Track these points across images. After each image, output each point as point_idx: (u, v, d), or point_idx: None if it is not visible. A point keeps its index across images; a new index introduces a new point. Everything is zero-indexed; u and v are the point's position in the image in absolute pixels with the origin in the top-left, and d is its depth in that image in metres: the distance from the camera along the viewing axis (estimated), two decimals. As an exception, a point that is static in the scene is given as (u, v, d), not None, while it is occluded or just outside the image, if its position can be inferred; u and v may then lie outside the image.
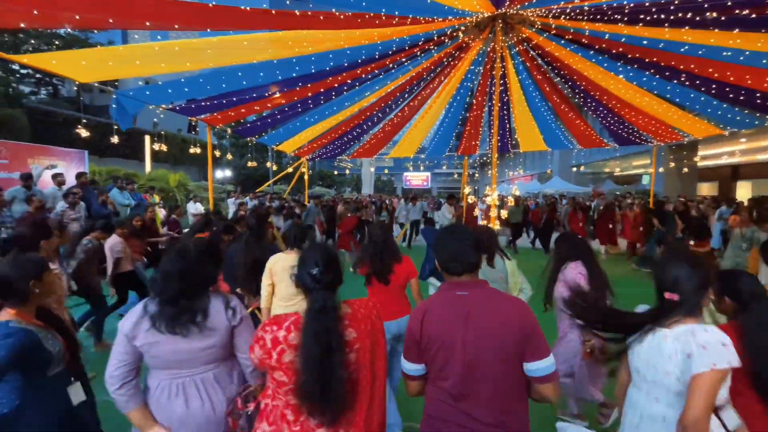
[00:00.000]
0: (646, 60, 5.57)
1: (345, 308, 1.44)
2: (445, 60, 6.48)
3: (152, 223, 6.08)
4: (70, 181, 7.62)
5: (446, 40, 5.71)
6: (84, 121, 6.31)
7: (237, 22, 4.06)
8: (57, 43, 19.35)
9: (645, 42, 5.03)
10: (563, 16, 4.90)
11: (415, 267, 2.84)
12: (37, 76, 21.27)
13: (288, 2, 3.63)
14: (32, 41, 18.50)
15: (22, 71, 19.70)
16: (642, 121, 8.23)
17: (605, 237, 10.14)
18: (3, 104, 13.87)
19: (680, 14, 4.09)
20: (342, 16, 4.01)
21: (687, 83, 5.99)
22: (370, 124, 9.50)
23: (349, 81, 6.32)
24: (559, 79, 7.17)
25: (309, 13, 3.94)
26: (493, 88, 6.14)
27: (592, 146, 10.62)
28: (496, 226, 5.36)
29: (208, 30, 4.22)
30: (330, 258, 1.42)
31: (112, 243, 4.26)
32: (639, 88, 6.62)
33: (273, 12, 3.76)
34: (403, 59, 6.00)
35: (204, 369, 1.58)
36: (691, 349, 1.31)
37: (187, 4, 3.81)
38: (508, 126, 9.98)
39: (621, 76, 6.27)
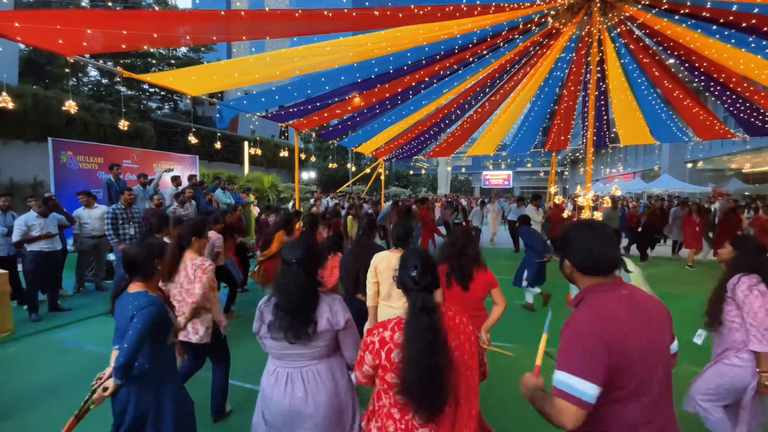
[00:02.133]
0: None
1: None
2: (531, 49, 6.02)
3: (239, 222, 6.47)
4: (185, 182, 8.77)
5: (533, 27, 5.30)
6: (194, 129, 7.25)
7: (321, 26, 4.24)
8: (173, 62, 22.59)
9: (788, 10, 4.09)
10: (679, -13, 4.21)
11: (494, 277, 2.68)
12: (162, 93, 25.07)
13: (367, 3, 3.68)
14: (154, 62, 21.87)
15: (150, 90, 23.40)
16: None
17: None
18: (135, 118, 16.57)
19: None
20: (421, 12, 3.94)
21: None
22: (447, 122, 9.29)
23: (426, 79, 6.24)
24: (673, 60, 6.19)
25: (388, 12, 3.95)
26: (589, 76, 5.54)
27: (714, 138, 9.00)
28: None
29: (295, 38, 4.50)
30: (428, 262, 1.49)
31: (215, 238, 4.77)
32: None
33: (354, 14, 3.84)
34: (484, 51, 5.72)
35: (309, 363, 1.71)
36: None
37: (276, 16, 4.10)
38: (605, 118, 8.96)
39: (754, 54, 5.18)
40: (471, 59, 5.87)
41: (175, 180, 7.93)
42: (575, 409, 1.17)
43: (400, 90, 6.49)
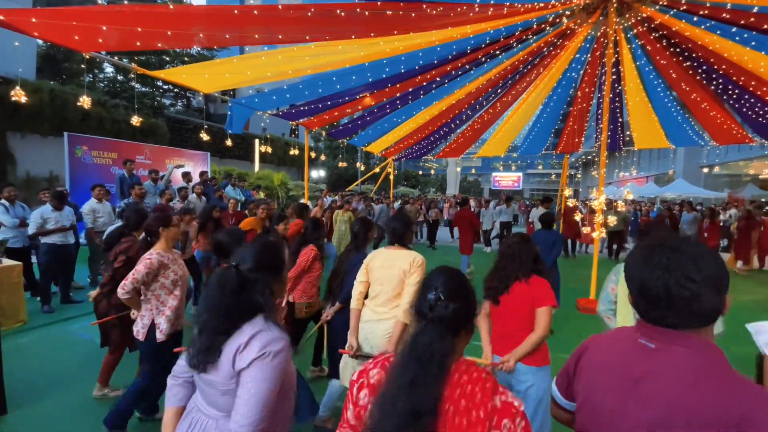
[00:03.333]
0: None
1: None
2: (545, 49, 5.94)
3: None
4: (195, 179, 8.87)
5: (546, 27, 5.23)
6: (206, 126, 7.32)
7: (334, 29, 4.23)
8: (186, 59, 22.85)
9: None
10: (699, -13, 4.11)
11: (550, 292, 2.20)
12: (175, 90, 25.35)
13: (379, 3, 3.66)
14: (167, 59, 22.18)
15: (164, 87, 23.71)
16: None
17: (742, 252, 8.34)
18: (149, 115, 16.79)
19: None
20: (433, 11, 3.91)
21: None
22: (458, 122, 9.24)
23: (438, 78, 6.20)
24: (690, 63, 6.06)
25: (400, 12, 3.92)
26: (603, 78, 5.45)
27: (731, 142, 8.81)
28: (602, 234, 4.73)
29: (308, 38, 4.50)
30: (458, 285, 1.06)
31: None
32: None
33: (367, 13, 3.83)
34: (497, 51, 5.66)
35: (207, 410, 1.28)
36: None
37: (288, 17, 4.10)
38: (620, 120, 8.82)
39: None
40: (483, 59, 5.82)
41: (186, 176, 8.02)
42: (555, 409, 1.20)
43: (411, 89, 6.47)
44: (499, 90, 7.49)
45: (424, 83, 6.30)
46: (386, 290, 2.39)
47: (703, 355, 0.85)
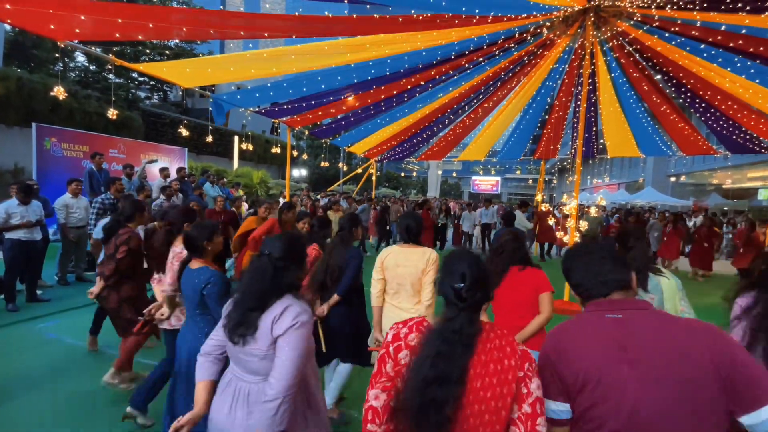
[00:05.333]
0: (774, 54, 4.72)
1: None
2: (525, 58, 6.13)
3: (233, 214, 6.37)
4: (173, 175, 8.64)
5: (528, 38, 5.39)
6: (185, 122, 7.11)
7: (320, 26, 4.24)
8: (167, 53, 22.18)
9: (773, 33, 4.26)
10: (669, 6, 4.34)
11: (548, 280, 2.37)
12: (151, 83, 24.57)
13: (368, 7, 3.69)
14: (147, 51, 21.47)
15: (140, 79, 22.93)
16: (764, 126, 6.99)
17: (697, 258, 8.79)
18: (123, 107, 16.22)
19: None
20: (420, 18, 3.98)
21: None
22: (440, 125, 9.37)
23: (422, 83, 6.28)
24: (660, 76, 6.38)
25: (388, 16, 3.98)
26: (580, 88, 5.66)
27: (697, 153, 9.30)
28: (575, 238, 4.91)
29: (294, 36, 4.48)
30: (481, 272, 1.18)
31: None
32: (762, 88, 5.62)
33: (354, 17, 3.86)
34: (480, 59, 5.79)
35: (246, 378, 1.47)
36: None
37: (275, 15, 4.09)
38: (594, 129, 9.17)
39: (738, 74, 5.38)
40: (467, 66, 5.94)
41: (164, 172, 7.80)
42: (553, 429, 1.12)
43: (395, 92, 6.52)
44: (481, 96, 7.65)
45: (409, 87, 6.37)
46: (407, 288, 2.52)
47: (656, 311, 1.12)
